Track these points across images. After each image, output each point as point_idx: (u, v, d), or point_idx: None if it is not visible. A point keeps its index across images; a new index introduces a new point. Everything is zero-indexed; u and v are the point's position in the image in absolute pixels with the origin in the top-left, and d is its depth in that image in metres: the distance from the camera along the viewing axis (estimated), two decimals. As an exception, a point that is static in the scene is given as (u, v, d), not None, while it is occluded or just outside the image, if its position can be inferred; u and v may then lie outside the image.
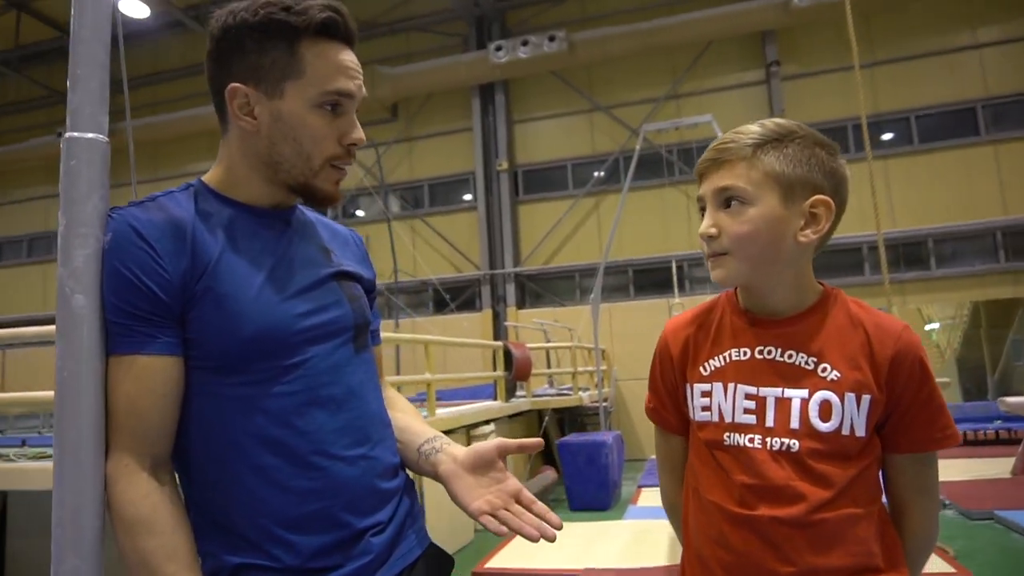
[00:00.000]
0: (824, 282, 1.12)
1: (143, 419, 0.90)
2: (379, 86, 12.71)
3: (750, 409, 1.05)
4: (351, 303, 1.07)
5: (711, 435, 1.09)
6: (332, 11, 0.99)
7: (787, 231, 1.02)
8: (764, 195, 1.02)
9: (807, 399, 1.02)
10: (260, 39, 0.97)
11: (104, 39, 0.94)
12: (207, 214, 0.99)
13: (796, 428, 1.02)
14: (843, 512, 1.00)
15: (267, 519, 0.94)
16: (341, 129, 1.02)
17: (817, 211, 1.03)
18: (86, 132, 0.91)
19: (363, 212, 13.99)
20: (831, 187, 1.04)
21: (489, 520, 0.98)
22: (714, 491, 1.07)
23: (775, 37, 11.62)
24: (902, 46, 11.26)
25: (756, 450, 1.03)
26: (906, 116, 11.25)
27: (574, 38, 11.71)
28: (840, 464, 1.01)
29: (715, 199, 1.06)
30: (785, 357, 1.05)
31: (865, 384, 1.01)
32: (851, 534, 1.00)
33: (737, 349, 1.09)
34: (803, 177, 1.02)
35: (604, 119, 12.55)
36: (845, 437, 1.01)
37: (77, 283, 0.88)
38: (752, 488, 1.02)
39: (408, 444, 1.13)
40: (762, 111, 11.65)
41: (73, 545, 0.85)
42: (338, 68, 1.00)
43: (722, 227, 1.04)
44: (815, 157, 1.04)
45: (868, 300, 1.11)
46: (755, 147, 1.04)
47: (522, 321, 11.42)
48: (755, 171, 1.03)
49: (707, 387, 1.10)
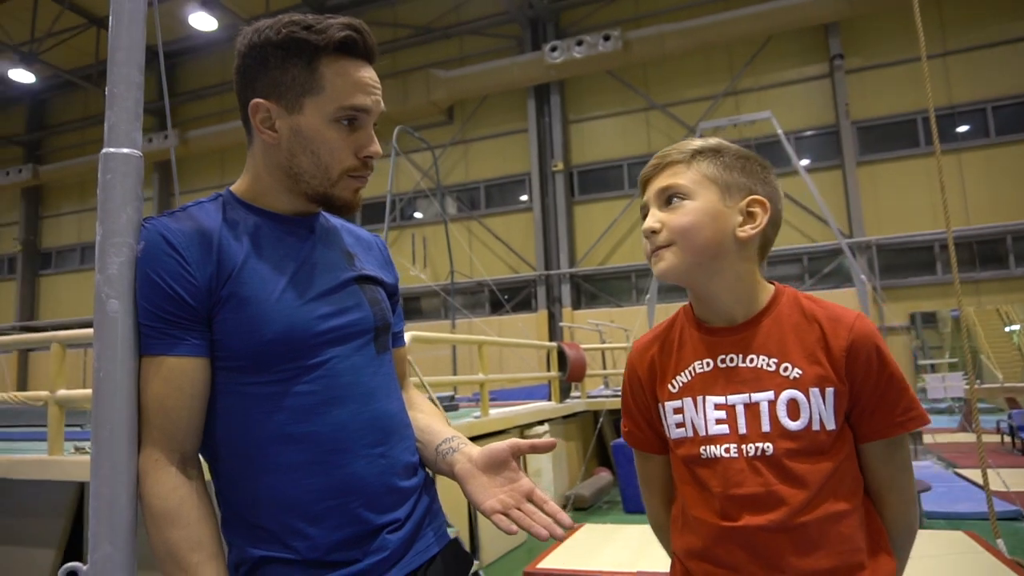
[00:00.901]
0: (775, 281, 1.15)
1: (171, 417, 0.96)
2: (435, 90, 12.90)
3: (721, 419, 1.06)
4: (372, 306, 1.11)
5: (688, 451, 1.10)
6: (351, 29, 1.03)
7: (726, 226, 1.07)
8: (703, 191, 1.07)
9: (774, 400, 1.04)
10: (282, 56, 1.02)
11: (139, 61, 1.01)
12: (233, 222, 1.04)
13: (768, 431, 1.03)
14: (824, 511, 1.01)
15: (287, 513, 0.98)
16: (358, 142, 1.06)
17: (754, 210, 1.08)
18: (121, 147, 0.97)
19: (420, 214, 14.21)
20: (765, 193, 1.10)
21: (501, 519, 1.00)
22: (697, 507, 1.08)
23: (838, 29, 11.25)
24: (977, 33, 10.74)
25: (733, 459, 1.04)
26: (982, 107, 10.72)
27: (629, 36, 11.62)
28: (816, 460, 1.02)
29: (657, 199, 1.11)
30: (747, 362, 1.07)
31: (827, 377, 1.03)
32: (834, 533, 1.01)
33: (700, 361, 1.11)
34: (738, 180, 1.09)
35: (660, 117, 12.40)
36: (816, 432, 1.02)
37: (112, 289, 0.94)
38: (733, 499, 1.03)
39: (427, 444, 1.17)
40: (826, 106, 11.30)
41: (108, 534, 0.91)
42: (356, 85, 1.04)
43: (664, 222, 1.08)
44: (748, 167, 1.11)
45: (940, 300, 1.11)
46: (694, 153, 1.10)
47: (577, 322, 11.39)
48: (693, 172, 1.09)
49: (678, 403, 1.11)
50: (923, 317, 11.23)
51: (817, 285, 11.10)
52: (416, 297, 13.93)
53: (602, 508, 6.89)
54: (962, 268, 10.14)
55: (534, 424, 6.48)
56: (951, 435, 9.70)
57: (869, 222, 10.94)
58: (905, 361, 10.64)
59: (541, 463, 6.35)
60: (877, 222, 10.92)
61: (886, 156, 11.08)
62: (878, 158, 11.12)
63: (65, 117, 18.21)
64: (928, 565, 3.87)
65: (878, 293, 10.31)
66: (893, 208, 10.88)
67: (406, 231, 13.78)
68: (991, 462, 5.19)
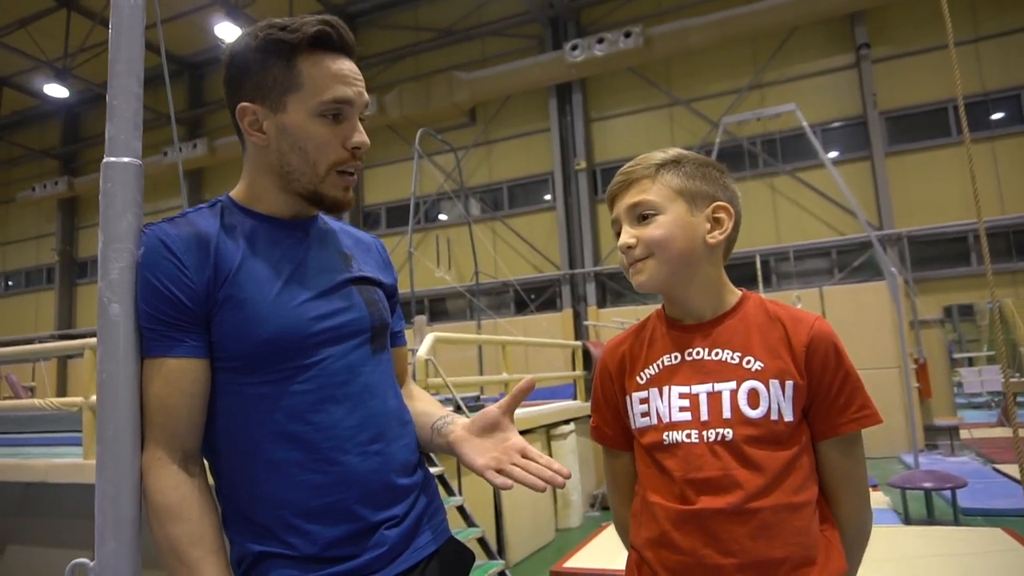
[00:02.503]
0: (743, 288, 1.22)
1: (172, 416, 0.99)
2: (457, 91, 12.95)
3: (684, 407, 1.12)
4: (368, 307, 1.13)
5: (652, 438, 1.15)
6: (325, 24, 1.05)
7: (697, 234, 1.15)
8: (671, 205, 1.15)
9: (736, 390, 1.10)
10: (262, 59, 1.05)
11: (138, 73, 1.04)
12: (231, 227, 1.07)
13: (728, 417, 1.09)
14: (778, 502, 1.06)
15: (285, 510, 1.01)
16: (344, 134, 1.08)
17: (719, 215, 1.16)
18: (121, 157, 1.01)
19: (445, 216, 14.28)
20: (727, 198, 1.18)
21: (493, 475, 1.02)
22: (657, 493, 1.13)
23: (864, 18, 11.03)
24: (1011, 17, 10.45)
25: (694, 444, 1.10)
26: (1016, 93, 10.43)
27: (650, 33, 11.54)
28: (772, 448, 1.08)
29: (628, 216, 1.18)
30: (712, 356, 1.14)
31: (787, 371, 1.10)
32: (788, 524, 1.05)
33: (668, 355, 1.18)
34: (702, 189, 1.16)
35: (684, 113, 12.30)
36: (774, 422, 1.08)
37: (114, 293, 0.97)
38: (692, 482, 1.08)
39: (423, 426, 1.19)
40: (852, 96, 11.11)
41: (113, 530, 0.95)
42: (334, 77, 1.06)
43: (639, 236, 1.15)
44: (708, 174, 1.18)
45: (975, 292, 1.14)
46: (657, 167, 1.17)
47: (603, 320, 11.35)
48: (660, 186, 1.16)
49: (644, 394, 1.18)
50: (960, 310, 10.96)
51: (847, 279, 10.92)
52: (442, 298, 14.01)
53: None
54: (998, 259, 9.87)
55: (559, 423, 6.49)
56: (989, 430, 9.47)
57: (899, 214, 10.71)
58: (940, 355, 10.40)
59: (568, 462, 6.35)
60: (907, 214, 10.69)
61: (916, 146, 10.85)
62: (907, 148, 10.89)
63: (98, 130, 18.64)
64: (965, 562, 3.80)
65: (910, 286, 10.10)
66: (924, 199, 10.64)
67: (430, 233, 13.86)
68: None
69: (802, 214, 11.27)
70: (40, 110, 18.79)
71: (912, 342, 10.09)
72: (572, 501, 6.30)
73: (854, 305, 10.29)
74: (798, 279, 11.06)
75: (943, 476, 5.43)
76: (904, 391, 8.42)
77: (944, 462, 8.04)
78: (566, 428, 6.48)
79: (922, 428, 9.53)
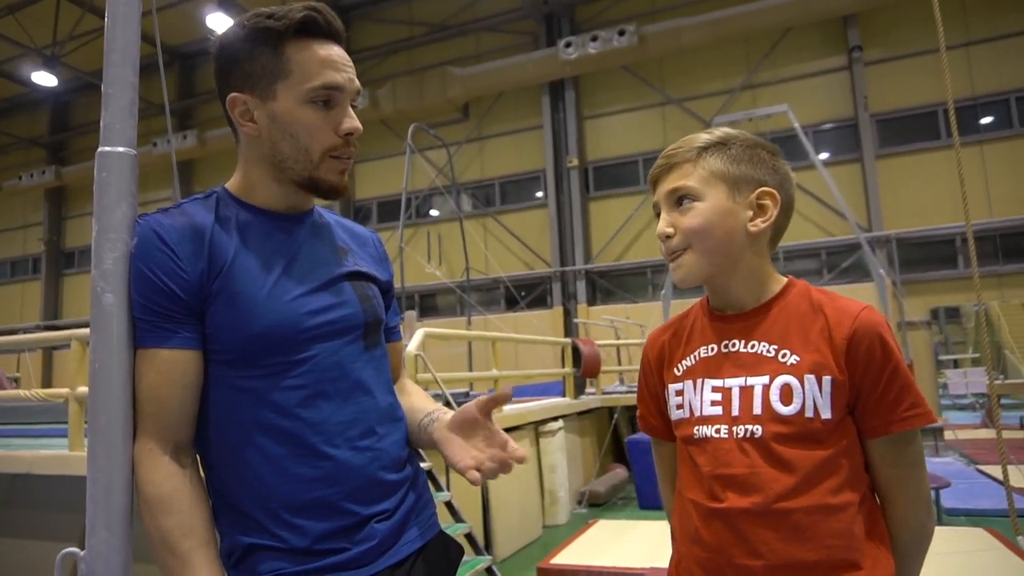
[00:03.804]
0: (791, 276, 1.16)
1: (164, 407, 0.98)
2: (450, 87, 12.92)
3: (716, 401, 1.08)
4: (362, 302, 1.13)
5: (684, 431, 1.12)
6: (311, 10, 1.05)
7: (737, 223, 1.08)
8: (711, 191, 1.08)
9: (768, 385, 1.04)
10: (249, 48, 1.04)
11: (133, 62, 1.03)
12: (226, 218, 1.06)
13: (759, 414, 1.04)
14: (812, 501, 1.00)
15: (275, 503, 1.01)
16: (335, 120, 1.07)
17: (764, 202, 1.09)
18: (116, 146, 1.00)
19: (436, 212, 14.26)
20: (775, 182, 1.11)
21: (473, 474, 1.02)
22: (690, 488, 1.10)
23: (857, 21, 11.10)
24: (1001, 23, 10.54)
25: (723, 440, 1.05)
26: (1005, 98, 10.53)
27: (644, 31, 11.55)
28: (806, 447, 1.01)
29: (667, 201, 1.11)
30: (748, 348, 1.08)
31: (825, 365, 1.02)
32: (824, 526, 0.99)
33: (705, 347, 1.13)
34: (747, 174, 1.09)
35: (677, 112, 12.33)
36: (810, 420, 1.01)
37: (107, 283, 0.97)
38: (719, 478, 1.04)
39: (411, 422, 1.19)
40: (844, 98, 11.17)
41: (104, 520, 0.94)
42: (323, 63, 1.05)
43: (676, 225, 1.09)
44: (756, 156, 1.10)
45: (962, 295, 1.11)
46: (700, 150, 1.10)
47: (593, 318, 11.37)
48: (701, 170, 1.08)
49: (680, 386, 1.14)
50: (946, 312, 11.07)
51: (835, 280, 10.99)
52: (432, 294, 13.99)
53: (617, 504, 6.89)
54: (985, 262, 9.97)
55: (548, 420, 6.50)
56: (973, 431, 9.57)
57: (888, 216, 10.80)
58: (926, 356, 10.50)
59: (556, 459, 6.36)
60: (896, 216, 10.77)
61: (906, 149, 10.93)
62: (898, 151, 10.97)
63: (87, 119, 18.49)
64: (948, 562, 3.84)
65: (897, 288, 10.17)
66: (913, 202, 10.73)
67: (421, 228, 13.83)
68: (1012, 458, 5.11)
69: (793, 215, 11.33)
70: (28, 98, 18.60)
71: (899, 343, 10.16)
72: (559, 498, 6.31)
73: (842, 306, 10.35)
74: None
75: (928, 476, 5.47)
76: (890, 392, 8.46)
77: (929, 462, 8.09)
78: (554, 425, 6.49)
79: (907, 429, 9.60)
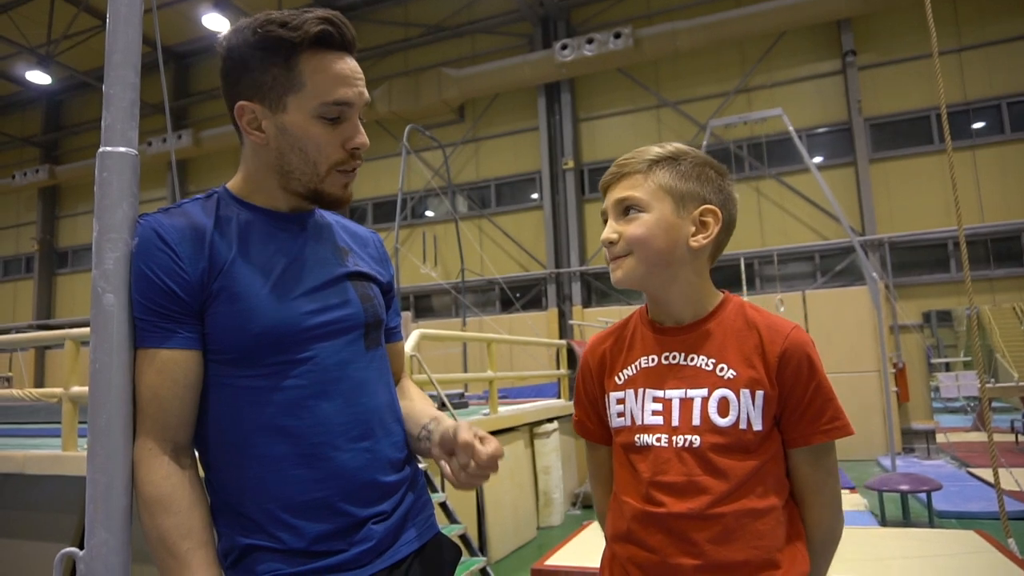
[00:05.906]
0: (725, 291, 1.21)
1: (164, 407, 0.99)
2: (446, 88, 12.92)
3: (657, 411, 1.13)
4: (363, 302, 1.13)
5: (625, 438, 1.16)
6: (327, 23, 1.03)
7: (679, 237, 1.13)
8: (657, 204, 1.13)
9: (707, 397, 1.10)
10: (261, 57, 1.03)
11: (134, 63, 1.04)
12: (227, 219, 1.06)
13: (698, 424, 1.09)
14: (742, 506, 1.06)
15: (273, 504, 1.01)
16: (344, 135, 1.07)
17: (706, 219, 1.14)
18: (117, 147, 1.00)
19: (432, 213, 14.25)
20: (719, 201, 1.16)
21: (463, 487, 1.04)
22: (627, 491, 1.15)
23: (851, 25, 11.15)
24: (993, 29, 10.60)
25: (663, 448, 1.11)
26: (997, 103, 10.58)
27: (640, 34, 11.57)
28: (739, 457, 1.08)
29: (615, 209, 1.16)
30: (688, 361, 1.14)
31: (759, 380, 1.09)
32: (751, 528, 1.06)
33: (646, 357, 1.18)
34: (693, 190, 1.14)
35: (672, 115, 12.36)
36: (743, 431, 1.08)
37: (108, 283, 0.97)
38: (658, 485, 1.10)
39: (409, 431, 1.20)
40: (838, 102, 11.22)
41: (103, 520, 0.94)
42: (336, 79, 1.04)
43: (621, 232, 1.14)
44: (704, 174, 1.15)
45: (954, 298, 1.14)
46: (651, 163, 1.14)
47: (588, 320, 11.38)
48: (650, 183, 1.13)
49: (621, 395, 1.18)
50: (938, 315, 11.12)
51: (829, 283, 11.03)
52: (427, 295, 13.98)
53: (611, 506, 6.89)
54: (977, 266, 10.03)
55: (543, 422, 6.51)
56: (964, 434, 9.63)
57: (882, 220, 10.84)
58: (918, 360, 10.55)
59: (550, 460, 6.37)
60: (890, 220, 10.82)
61: (899, 153, 10.98)
62: (891, 155, 11.02)
63: (81, 118, 18.41)
64: (939, 564, 3.86)
65: (890, 291, 10.22)
66: (906, 206, 10.78)
67: (417, 229, 13.81)
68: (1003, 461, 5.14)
69: (786, 218, 11.38)
70: (22, 97, 18.49)
71: (891, 346, 10.21)
72: (554, 499, 6.32)
73: (836, 309, 10.41)
74: (781, 282, 11.16)
75: (919, 479, 5.51)
76: (883, 395, 8.52)
77: (920, 465, 8.16)
78: (549, 427, 6.50)
79: (899, 431, 9.67)
